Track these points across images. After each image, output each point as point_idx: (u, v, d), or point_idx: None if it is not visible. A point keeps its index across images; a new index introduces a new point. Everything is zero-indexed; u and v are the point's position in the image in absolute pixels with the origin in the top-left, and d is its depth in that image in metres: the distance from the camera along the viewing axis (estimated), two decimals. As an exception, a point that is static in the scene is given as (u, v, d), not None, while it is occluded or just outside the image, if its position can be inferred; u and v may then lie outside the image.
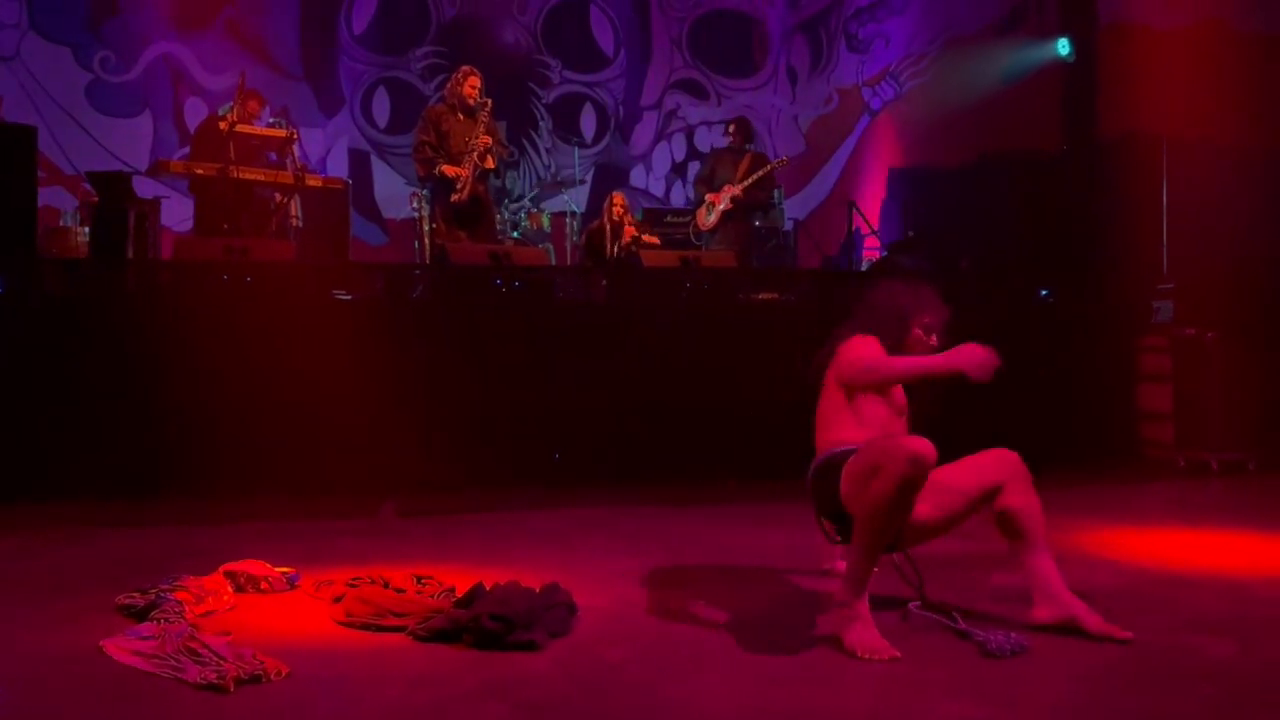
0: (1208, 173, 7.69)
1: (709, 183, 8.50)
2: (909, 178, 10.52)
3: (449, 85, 7.57)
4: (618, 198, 8.47)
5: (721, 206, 8.28)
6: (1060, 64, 9.72)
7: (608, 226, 8.29)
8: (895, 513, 2.93)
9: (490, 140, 7.35)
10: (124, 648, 2.92)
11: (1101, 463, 6.57)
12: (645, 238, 8.32)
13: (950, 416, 3.34)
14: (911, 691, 2.67)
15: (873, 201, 10.90)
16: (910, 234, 9.36)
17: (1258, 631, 3.20)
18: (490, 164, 7.42)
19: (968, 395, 3.22)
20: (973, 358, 2.97)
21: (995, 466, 3.15)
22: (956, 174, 9.51)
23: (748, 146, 8.62)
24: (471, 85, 7.41)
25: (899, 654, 2.88)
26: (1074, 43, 9.54)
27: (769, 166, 8.25)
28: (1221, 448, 6.61)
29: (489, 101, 7.42)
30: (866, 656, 2.88)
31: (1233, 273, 7.27)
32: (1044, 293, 7.43)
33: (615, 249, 8.20)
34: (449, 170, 7.28)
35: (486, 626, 3.00)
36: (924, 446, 2.89)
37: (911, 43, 11.33)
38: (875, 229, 9.94)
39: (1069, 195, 8.22)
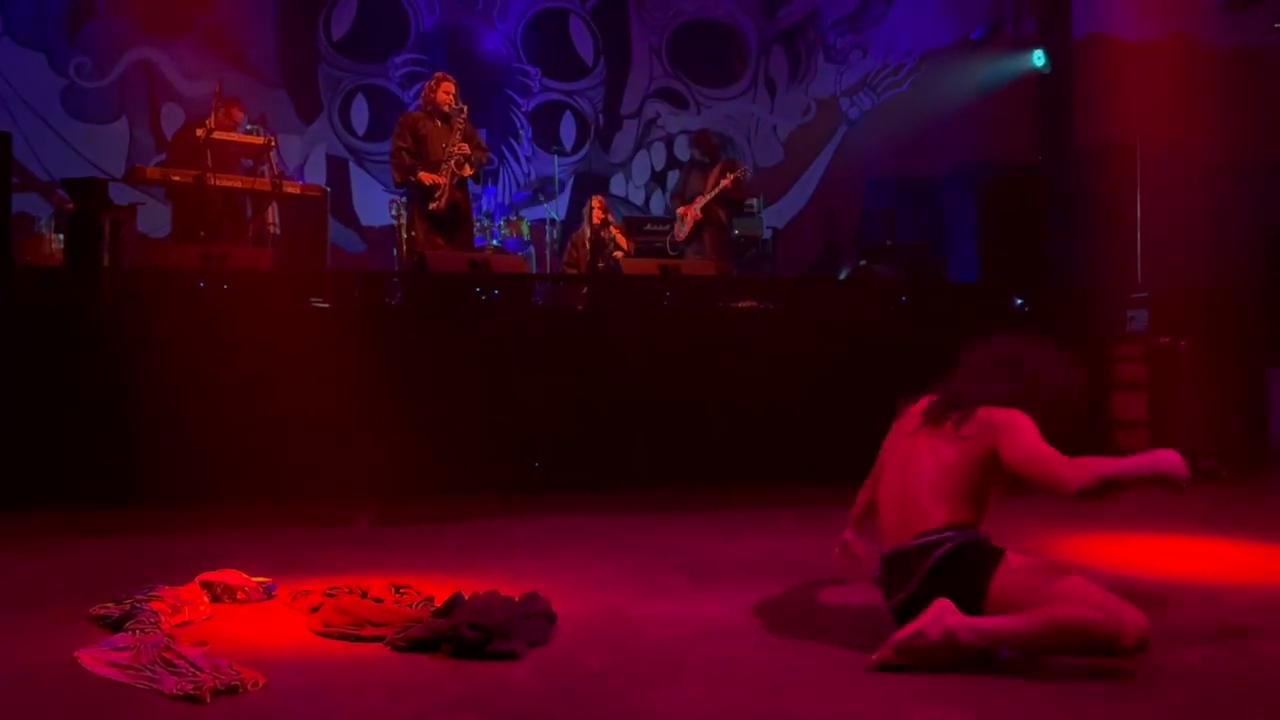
0: (1181, 183, 7.79)
1: (682, 197, 8.54)
2: (886, 187, 10.59)
3: (424, 92, 7.60)
4: (596, 201, 8.47)
5: (691, 218, 8.30)
6: (1036, 75, 9.83)
7: (588, 230, 8.29)
8: (1058, 646, 2.79)
9: (468, 148, 7.36)
10: (99, 659, 2.89)
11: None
12: (614, 229, 8.33)
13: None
14: (893, 698, 2.68)
15: (851, 211, 10.97)
16: (888, 243, 9.44)
17: (1230, 638, 3.23)
18: (468, 172, 7.42)
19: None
20: (1176, 463, 2.96)
21: None
22: (933, 183, 9.58)
23: (720, 156, 8.65)
24: (445, 91, 7.42)
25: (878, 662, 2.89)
26: (1049, 54, 9.65)
27: (723, 183, 8.20)
28: (1195, 455, 6.65)
29: (465, 107, 7.43)
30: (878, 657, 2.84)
31: (1206, 282, 7.36)
32: (1019, 302, 7.48)
33: (597, 251, 8.20)
34: (426, 178, 7.27)
35: (465, 636, 2.99)
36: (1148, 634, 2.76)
37: (889, 53, 11.41)
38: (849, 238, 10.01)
39: (1044, 205, 8.30)
